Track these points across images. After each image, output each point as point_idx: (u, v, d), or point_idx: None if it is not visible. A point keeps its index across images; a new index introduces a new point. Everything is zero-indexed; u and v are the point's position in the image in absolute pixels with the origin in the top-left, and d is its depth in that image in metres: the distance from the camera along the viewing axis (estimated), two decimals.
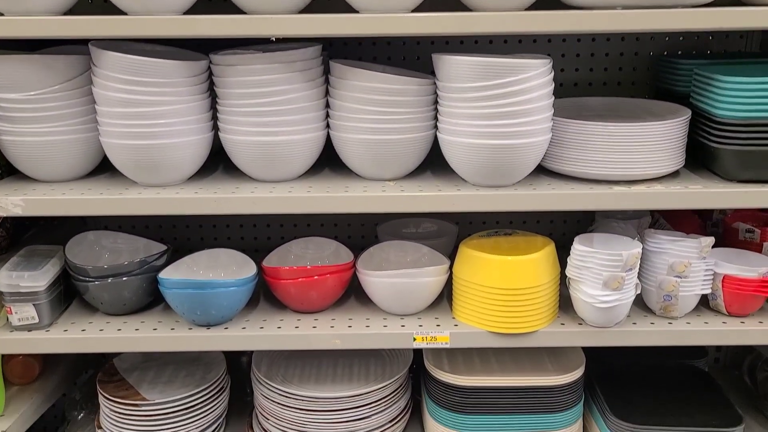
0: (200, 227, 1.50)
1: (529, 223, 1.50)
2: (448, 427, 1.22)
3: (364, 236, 1.51)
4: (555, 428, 1.21)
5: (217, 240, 1.51)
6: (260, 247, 1.44)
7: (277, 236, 1.49)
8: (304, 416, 1.22)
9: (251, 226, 1.50)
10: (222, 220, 1.50)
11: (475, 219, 1.50)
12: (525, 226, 1.49)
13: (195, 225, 1.50)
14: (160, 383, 1.30)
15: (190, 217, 1.49)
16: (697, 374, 1.31)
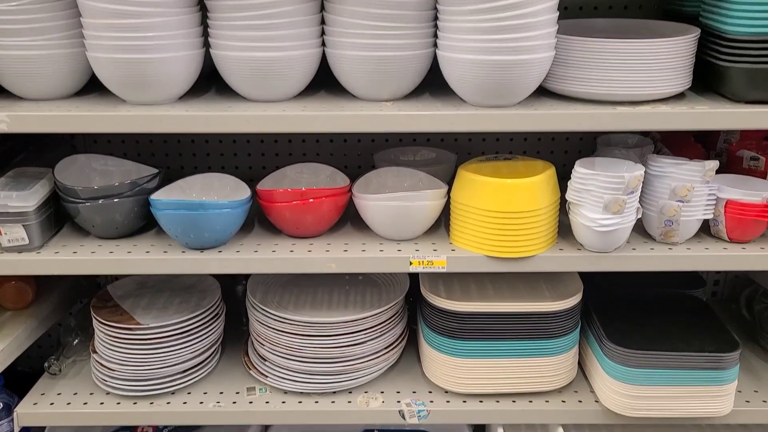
0: (193, 155, 1.47)
1: (529, 153, 1.47)
2: (444, 353, 1.22)
3: (361, 166, 1.48)
4: (551, 354, 1.20)
5: (211, 168, 1.48)
6: (255, 176, 1.41)
7: (272, 165, 1.46)
8: (299, 341, 1.22)
9: (245, 155, 1.47)
10: (215, 148, 1.47)
11: (474, 147, 1.47)
12: (525, 155, 1.46)
13: (188, 152, 1.47)
14: (155, 309, 1.29)
15: (182, 144, 1.46)
16: (695, 303, 1.30)
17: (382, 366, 1.29)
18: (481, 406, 1.23)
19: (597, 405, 1.22)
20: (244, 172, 1.47)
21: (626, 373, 1.15)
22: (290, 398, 1.25)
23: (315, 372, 1.23)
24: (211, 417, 1.23)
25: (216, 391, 1.28)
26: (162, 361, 1.23)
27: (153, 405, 1.24)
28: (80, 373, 1.33)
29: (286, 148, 1.47)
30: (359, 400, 1.25)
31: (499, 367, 1.21)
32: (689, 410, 1.16)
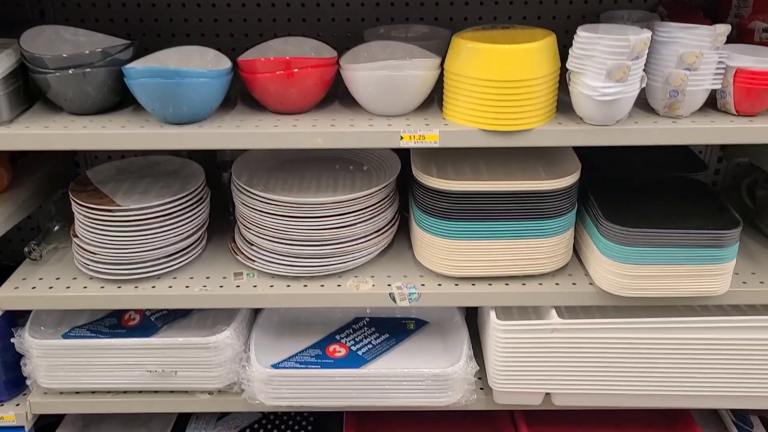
0: (173, 36, 1.39)
1: (529, 20, 1.39)
2: (436, 235, 1.18)
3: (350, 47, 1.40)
4: (546, 235, 1.17)
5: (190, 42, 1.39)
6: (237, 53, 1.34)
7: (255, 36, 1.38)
8: (286, 223, 1.17)
9: (228, 35, 1.39)
10: (196, 27, 1.38)
11: (470, 19, 1.39)
12: (525, 23, 1.38)
13: (164, 20, 1.38)
14: (136, 193, 1.24)
15: (161, 23, 1.38)
16: (696, 186, 1.26)
17: (373, 250, 1.25)
18: (473, 289, 1.21)
19: (591, 287, 1.20)
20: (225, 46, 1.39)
21: (622, 252, 1.12)
22: (278, 282, 1.23)
23: (303, 255, 1.20)
24: (197, 300, 1.21)
25: (202, 276, 1.25)
26: (145, 244, 1.19)
27: (138, 289, 1.21)
28: (62, 260, 1.30)
29: (269, 13, 1.38)
30: (349, 284, 1.22)
31: (492, 249, 1.18)
32: (685, 290, 1.14)
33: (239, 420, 1.48)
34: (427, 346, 1.34)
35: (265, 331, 1.35)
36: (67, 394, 1.31)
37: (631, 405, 1.28)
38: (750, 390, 1.23)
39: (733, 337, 1.18)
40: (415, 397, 1.24)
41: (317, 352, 1.31)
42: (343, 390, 1.24)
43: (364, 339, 1.35)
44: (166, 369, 1.26)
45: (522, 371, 1.23)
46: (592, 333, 1.20)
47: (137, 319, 1.35)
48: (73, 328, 1.32)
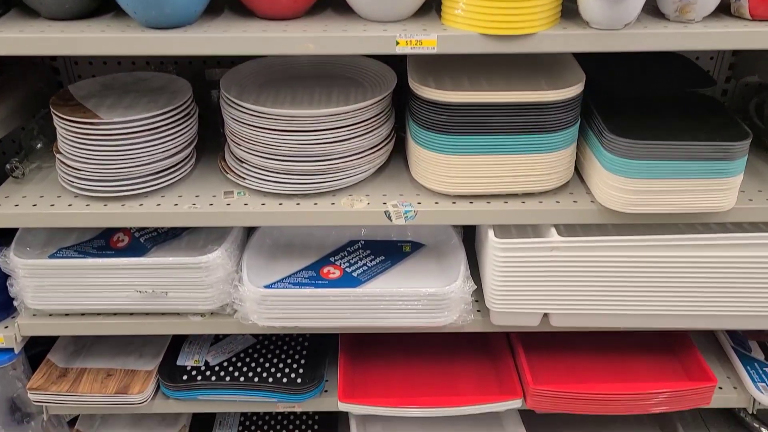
0: None
1: None
2: (433, 150, 1.14)
3: None
4: (547, 150, 1.12)
5: None
6: None
7: None
8: (278, 138, 1.13)
9: None
10: None
11: None
12: None
13: None
14: (121, 108, 1.18)
15: None
16: (703, 100, 1.21)
17: (368, 168, 1.21)
18: (471, 207, 1.17)
19: (593, 205, 1.16)
20: None
21: (626, 165, 1.08)
22: (270, 200, 1.19)
23: (295, 172, 1.16)
24: (186, 218, 1.17)
25: (191, 194, 1.21)
26: (130, 160, 1.15)
27: (124, 207, 1.17)
28: (47, 178, 1.26)
29: None
30: (343, 202, 1.18)
31: (491, 165, 1.13)
32: (690, 205, 1.10)
33: (233, 345, 1.47)
34: (424, 267, 1.31)
35: (257, 253, 1.32)
36: (57, 317, 1.29)
37: (630, 326, 1.27)
38: (750, 309, 1.21)
39: (735, 255, 1.16)
40: (411, 317, 1.22)
41: (311, 274, 1.29)
42: (337, 310, 1.22)
43: (359, 261, 1.32)
44: (156, 290, 1.23)
45: (520, 291, 1.20)
46: (592, 251, 1.17)
47: (126, 240, 1.32)
48: (60, 249, 1.29)
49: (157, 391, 1.39)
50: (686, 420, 1.56)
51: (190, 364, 1.41)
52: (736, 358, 1.40)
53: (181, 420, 1.52)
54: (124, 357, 1.43)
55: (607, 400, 1.28)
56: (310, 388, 1.35)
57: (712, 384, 1.28)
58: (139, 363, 1.42)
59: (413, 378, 1.40)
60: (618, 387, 1.30)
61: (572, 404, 1.29)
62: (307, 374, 1.39)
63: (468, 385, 1.38)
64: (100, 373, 1.40)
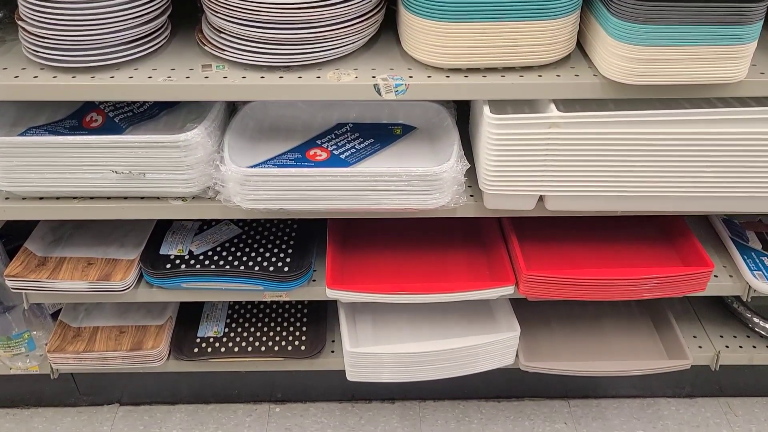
0: None
1: None
2: (427, 17, 1.04)
3: None
4: (549, 16, 1.03)
5: None
6: None
7: None
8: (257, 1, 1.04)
9: None
10: None
11: None
12: None
13: None
14: None
15: None
16: None
17: (356, 39, 1.13)
18: (466, 81, 1.10)
19: (596, 78, 1.09)
20: None
21: (634, 31, 1.00)
22: (251, 73, 1.11)
23: (277, 41, 1.07)
24: (161, 92, 1.09)
25: (167, 67, 1.13)
26: (98, 26, 1.05)
27: (94, 79, 1.09)
28: (10, 51, 1.17)
29: None
30: (329, 75, 1.11)
31: (488, 33, 1.05)
32: (700, 75, 1.03)
33: (218, 235, 1.42)
34: (415, 150, 1.25)
35: (239, 134, 1.25)
36: (30, 200, 1.23)
37: (628, 209, 1.22)
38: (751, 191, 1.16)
39: (736, 131, 1.09)
40: (402, 198, 1.16)
41: (296, 156, 1.22)
42: (324, 191, 1.16)
43: (347, 144, 1.26)
44: (133, 171, 1.17)
45: (515, 171, 1.15)
46: (591, 128, 1.10)
47: (100, 120, 1.24)
48: (30, 128, 1.21)
49: (140, 280, 1.35)
50: (678, 312, 1.55)
51: (174, 253, 1.37)
52: (733, 246, 1.38)
53: (167, 312, 1.50)
54: (105, 247, 1.39)
55: (600, 286, 1.25)
56: (297, 275, 1.32)
57: (709, 269, 1.25)
58: (120, 252, 1.38)
59: (404, 266, 1.37)
60: (611, 273, 1.27)
61: (565, 290, 1.26)
62: (295, 262, 1.35)
63: (459, 273, 1.35)
64: (80, 262, 1.36)
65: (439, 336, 1.40)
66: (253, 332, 1.50)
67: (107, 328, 1.46)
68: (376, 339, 1.41)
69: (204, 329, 1.50)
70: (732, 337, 1.50)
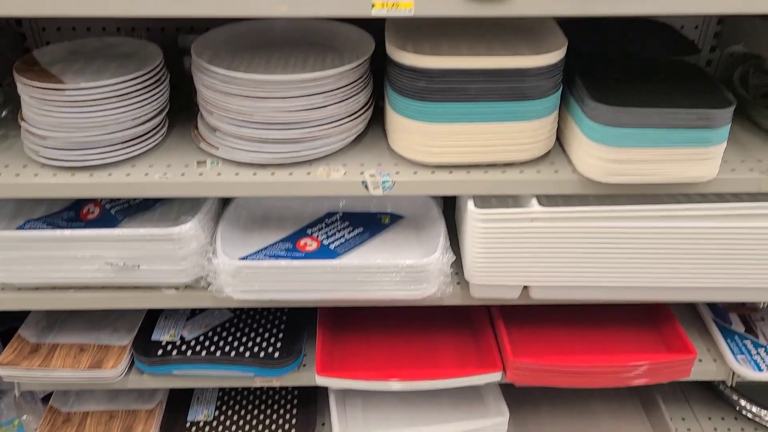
0: None
1: None
2: (412, 117, 1.10)
3: None
4: (528, 118, 1.10)
5: None
6: None
7: None
8: (251, 104, 1.09)
9: None
10: None
11: None
12: None
13: None
14: (88, 73, 1.14)
15: None
16: (688, 68, 1.19)
17: (344, 137, 1.18)
18: (451, 177, 1.14)
19: (574, 175, 1.14)
20: None
21: (608, 133, 1.05)
22: (244, 170, 1.15)
23: (270, 140, 1.12)
24: (157, 188, 1.13)
25: (163, 164, 1.17)
26: (98, 128, 1.10)
27: (93, 177, 1.13)
28: (12, 147, 1.21)
29: None
30: (319, 172, 1.15)
31: (471, 134, 1.10)
32: (672, 175, 1.08)
33: (210, 319, 1.44)
34: (402, 239, 1.29)
35: (232, 225, 1.29)
36: (26, 291, 1.25)
37: (611, 298, 1.25)
38: (730, 281, 1.19)
39: (715, 226, 1.14)
40: (390, 289, 1.19)
41: (288, 246, 1.26)
42: (314, 282, 1.19)
43: (336, 233, 1.30)
44: (128, 262, 1.20)
45: (500, 263, 1.18)
46: (573, 222, 1.15)
47: (96, 212, 1.28)
48: (29, 220, 1.25)
49: (131, 366, 1.37)
50: (666, 394, 1.56)
51: (166, 338, 1.39)
52: (717, 330, 1.40)
53: (157, 396, 1.50)
54: (98, 332, 1.41)
55: (587, 373, 1.27)
56: (287, 362, 1.33)
57: (692, 356, 1.28)
58: (113, 338, 1.39)
59: (393, 352, 1.38)
60: (598, 359, 1.29)
61: (552, 377, 1.28)
62: (285, 348, 1.37)
63: (448, 359, 1.37)
64: (72, 348, 1.37)
65: (429, 420, 1.40)
66: (243, 415, 1.50)
67: (97, 413, 1.47)
68: (366, 424, 1.42)
69: (194, 413, 1.50)
70: (720, 419, 1.51)
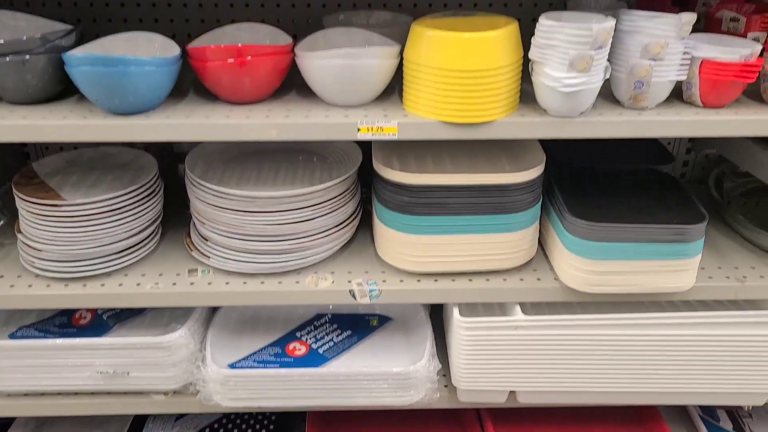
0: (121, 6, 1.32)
1: (495, 6, 1.35)
2: (398, 229, 1.14)
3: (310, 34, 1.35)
4: (510, 230, 1.14)
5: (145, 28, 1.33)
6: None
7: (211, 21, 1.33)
8: (241, 218, 1.13)
9: (181, 5, 1.33)
10: (147, 12, 1.32)
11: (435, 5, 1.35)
12: (491, 9, 1.35)
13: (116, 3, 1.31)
14: (85, 187, 1.18)
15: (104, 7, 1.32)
16: (662, 178, 1.24)
17: (333, 246, 1.21)
18: (436, 285, 1.17)
19: (556, 283, 1.17)
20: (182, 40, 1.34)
21: (587, 247, 1.09)
22: (234, 279, 1.18)
23: (260, 251, 1.16)
24: (148, 299, 1.16)
25: (155, 273, 1.20)
26: (93, 241, 1.14)
27: (86, 287, 1.16)
28: (8, 257, 1.24)
29: (227, 12, 1.33)
30: (308, 281, 1.18)
31: (455, 244, 1.14)
32: (650, 286, 1.12)
33: (198, 420, 1.44)
34: (390, 343, 1.31)
35: (222, 329, 1.30)
36: (15, 397, 1.26)
37: (597, 402, 1.26)
38: (716, 386, 1.21)
39: (699, 333, 1.17)
40: (377, 396, 1.21)
41: (277, 350, 1.27)
42: (302, 390, 1.20)
43: (325, 336, 1.31)
44: (117, 370, 1.21)
45: (486, 369, 1.20)
46: (556, 330, 1.17)
47: (88, 317, 1.30)
48: (21, 327, 1.26)
49: None
50: None
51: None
52: (704, 428, 1.40)
53: None
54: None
55: None
56: None
57: None
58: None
59: None
60: None
61: None
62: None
63: None
64: None
65: None
66: None
67: None
68: None
69: None
70: None
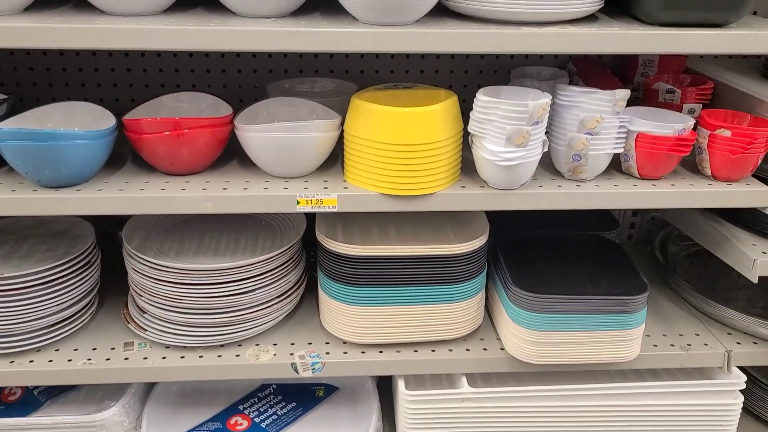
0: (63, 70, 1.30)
1: (441, 74, 1.37)
2: (340, 300, 1.12)
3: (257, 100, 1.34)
4: (455, 300, 1.12)
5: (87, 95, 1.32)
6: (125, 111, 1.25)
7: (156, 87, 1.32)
8: (178, 291, 1.09)
9: (111, 84, 1.31)
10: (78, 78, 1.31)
11: (381, 80, 1.36)
12: (437, 77, 1.36)
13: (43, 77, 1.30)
14: (15, 258, 1.14)
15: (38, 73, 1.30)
16: (607, 245, 1.24)
17: (275, 316, 1.18)
18: (381, 357, 1.15)
19: (503, 353, 1.15)
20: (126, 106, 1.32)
21: (531, 318, 1.08)
22: (171, 353, 1.14)
23: (199, 324, 1.12)
24: (80, 376, 1.11)
25: (88, 347, 1.15)
26: (22, 315, 1.09)
27: (13, 364, 1.10)
28: None
29: (172, 78, 1.32)
30: (248, 354, 1.14)
31: (399, 316, 1.12)
32: (595, 356, 1.11)
33: None
34: (336, 415, 1.27)
35: (161, 403, 1.25)
36: None
37: None
38: None
39: (646, 403, 1.16)
40: None
41: (217, 426, 1.22)
42: None
43: (269, 409, 1.27)
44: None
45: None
46: (503, 402, 1.15)
47: (18, 393, 1.23)
48: None
49: None
50: None
51: None
52: None
53: None
54: None
55: None
56: None
57: None
58: None
59: None
60: None
61: None
62: None
63: None
64: None
65: None
66: None
67: None
68: None
69: None
70: None
